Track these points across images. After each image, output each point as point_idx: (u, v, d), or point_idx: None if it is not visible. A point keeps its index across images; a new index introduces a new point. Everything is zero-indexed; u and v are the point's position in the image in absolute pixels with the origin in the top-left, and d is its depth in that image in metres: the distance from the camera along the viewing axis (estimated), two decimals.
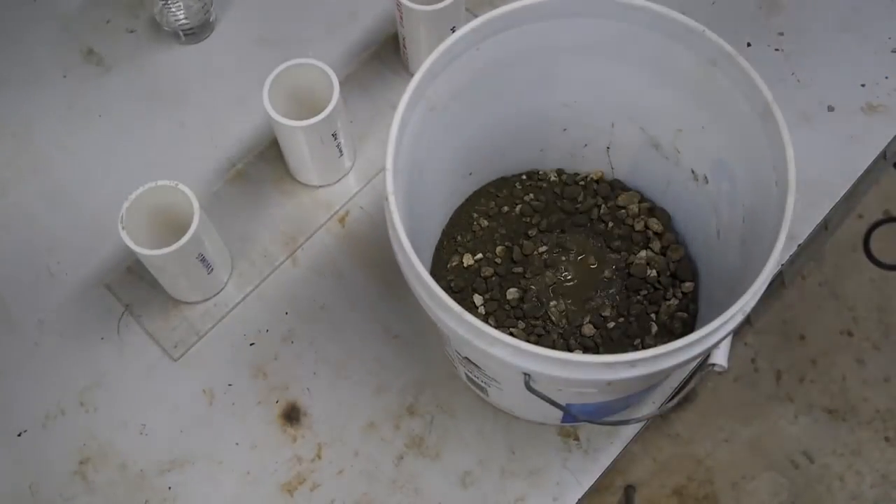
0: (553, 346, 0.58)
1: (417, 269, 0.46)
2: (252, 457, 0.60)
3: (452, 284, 0.61)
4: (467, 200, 0.65)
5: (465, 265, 0.62)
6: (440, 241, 0.63)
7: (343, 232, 0.67)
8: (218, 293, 0.65)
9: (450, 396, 0.62)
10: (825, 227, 0.70)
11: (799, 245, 0.67)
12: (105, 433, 0.61)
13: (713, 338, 0.44)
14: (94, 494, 0.59)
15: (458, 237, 0.63)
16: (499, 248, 0.63)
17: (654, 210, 0.64)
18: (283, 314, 0.65)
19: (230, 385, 0.62)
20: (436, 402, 0.62)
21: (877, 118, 0.71)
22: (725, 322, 0.44)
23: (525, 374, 0.45)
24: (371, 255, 0.66)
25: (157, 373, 0.63)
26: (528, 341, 0.56)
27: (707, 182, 0.57)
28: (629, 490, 1.15)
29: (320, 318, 0.64)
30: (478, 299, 0.61)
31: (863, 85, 0.72)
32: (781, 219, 0.45)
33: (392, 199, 0.47)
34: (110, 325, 0.64)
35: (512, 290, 0.61)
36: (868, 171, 0.70)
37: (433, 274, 0.61)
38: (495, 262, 0.62)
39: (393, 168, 0.48)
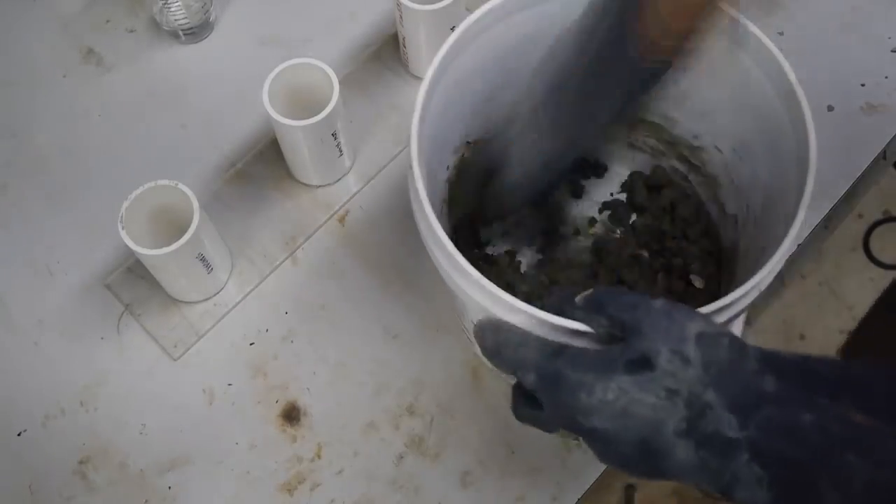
0: None
1: (437, 234, 0.46)
2: (252, 456, 0.60)
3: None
4: None
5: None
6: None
7: (343, 232, 0.67)
8: (218, 293, 0.65)
9: (450, 396, 0.62)
10: (825, 226, 0.70)
11: (799, 245, 0.67)
12: (105, 433, 0.61)
13: (728, 312, 0.45)
14: (93, 494, 0.59)
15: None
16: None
17: None
18: (283, 314, 0.65)
19: (230, 385, 0.62)
20: (436, 402, 0.62)
21: (877, 118, 0.71)
22: (739, 298, 0.44)
23: None
24: (371, 255, 0.66)
25: (157, 372, 0.63)
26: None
27: (727, 164, 0.58)
28: (629, 490, 1.15)
29: (320, 318, 0.64)
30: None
31: (863, 85, 0.72)
32: (800, 197, 0.45)
33: (416, 166, 0.47)
34: (110, 324, 0.64)
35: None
36: (868, 171, 0.70)
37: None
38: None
39: (418, 135, 0.48)
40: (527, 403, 0.44)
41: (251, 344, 0.64)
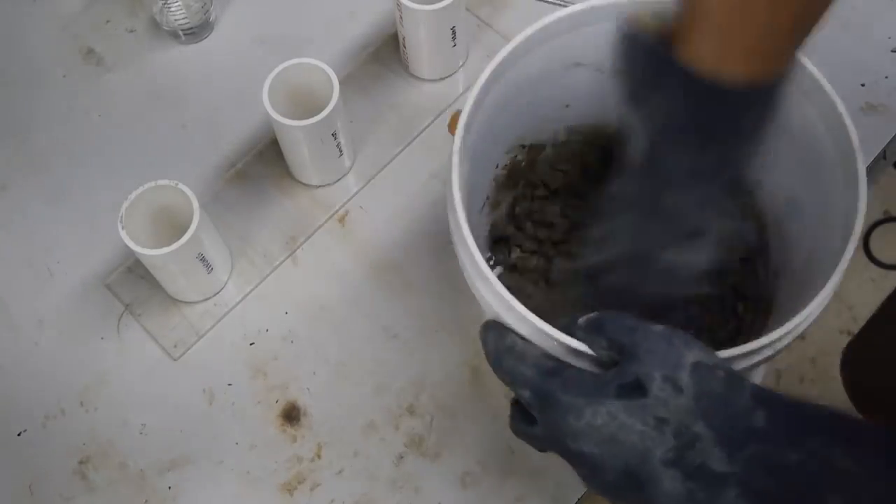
0: None
1: (464, 233, 0.46)
2: (252, 456, 0.60)
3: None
4: None
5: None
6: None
7: (343, 232, 0.67)
8: (218, 293, 0.65)
9: (450, 396, 0.62)
10: None
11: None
12: (105, 433, 0.61)
13: (748, 360, 0.44)
14: (93, 494, 0.59)
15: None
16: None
17: None
18: (283, 314, 0.65)
19: (230, 385, 0.62)
20: (436, 402, 0.62)
21: (877, 118, 0.71)
22: (763, 346, 0.43)
23: None
24: (371, 255, 0.66)
25: (157, 373, 0.63)
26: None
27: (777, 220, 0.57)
28: None
29: (320, 318, 0.64)
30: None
31: (863, 85, 0.72)
32: (837, 263, 0.44)
33: (456, 157, 0.47)
34: (110, 324, 0.64)
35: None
36: (868, 171, 0.69)
37: None
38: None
39: (464, 132, 0.48)
40: (523, 419, 0.44)
41: (251, 344, 0.64)
